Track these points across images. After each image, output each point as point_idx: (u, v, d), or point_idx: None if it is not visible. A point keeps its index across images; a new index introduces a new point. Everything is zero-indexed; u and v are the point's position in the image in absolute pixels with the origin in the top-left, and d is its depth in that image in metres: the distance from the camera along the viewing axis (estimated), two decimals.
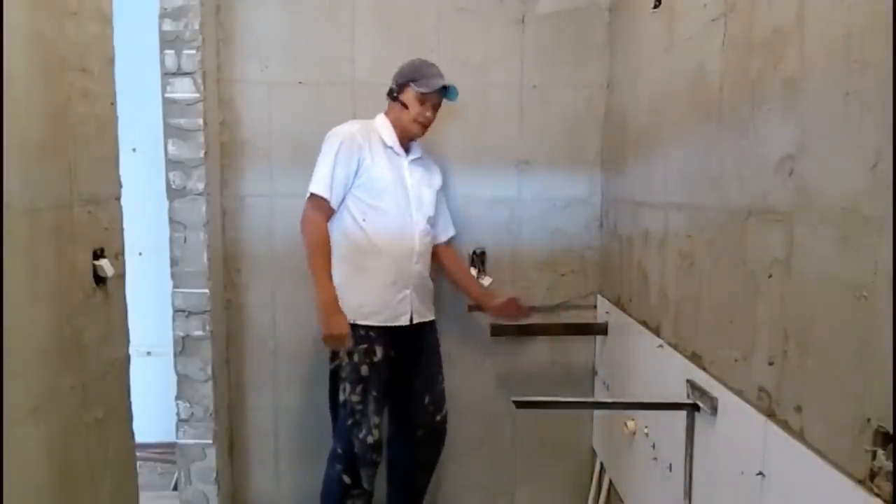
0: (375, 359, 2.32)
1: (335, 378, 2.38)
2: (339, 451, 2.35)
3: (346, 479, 2.33)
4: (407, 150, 2.44)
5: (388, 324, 2.36)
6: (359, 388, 2.30)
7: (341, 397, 2.34)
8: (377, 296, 2.35)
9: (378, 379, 2.33)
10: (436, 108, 2.37)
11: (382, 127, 2.39)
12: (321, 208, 2.30)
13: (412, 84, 2.32)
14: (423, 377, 2.48)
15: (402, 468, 2.55)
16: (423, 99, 2.32)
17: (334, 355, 2.36)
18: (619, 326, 2.46)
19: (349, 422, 2.31)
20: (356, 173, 2.31)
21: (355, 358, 2.31)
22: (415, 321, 2.42)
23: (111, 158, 1.74)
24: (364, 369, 2.31)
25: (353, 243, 2.34)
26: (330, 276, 2.28)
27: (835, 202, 1.10)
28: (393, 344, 2.37)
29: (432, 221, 2.49)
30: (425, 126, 2.37)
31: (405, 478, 2.56)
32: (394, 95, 2.37)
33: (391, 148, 2.38)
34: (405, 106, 2.34)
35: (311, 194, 2.30)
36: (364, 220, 2.33)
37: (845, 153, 1.08)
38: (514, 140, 2.70)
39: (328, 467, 2.40)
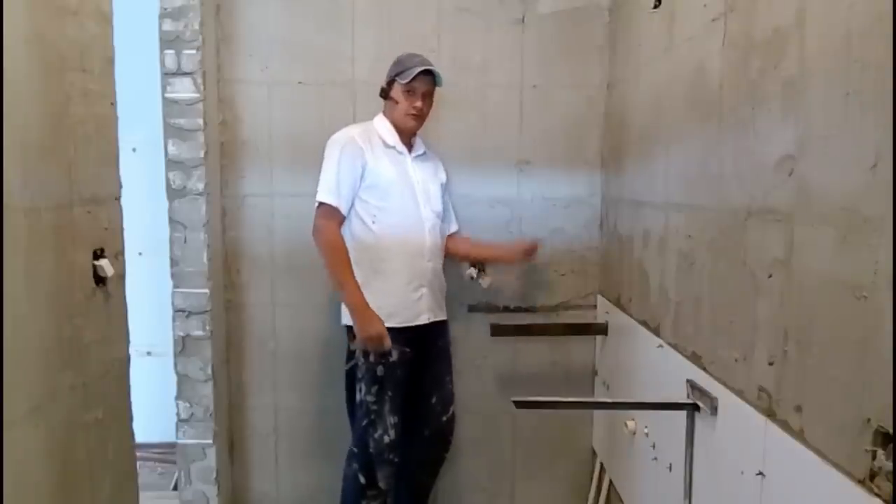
0: (391, 359, 2.32)
1: (351, 378, 2.38)
2: (356, 450, 2.37)
3: (362, 479, 2.34)
4: (410, 147, 2.44)
5: (408, 324, 2.36)
6: (374, 389, 2.31)
7: (358, 397, 2.35)
8: (394, 296, 2.34)
9: (394, 379, 2.33)
10: (426, 96, 2.35)
11: (382, 127, 2.39)
12: (332, 216, 2.30)
13: (397, 78, 2.32)
14: (432, 376, 2.49)
15: (407, 467, 2.55)
16: (408, 90, 2.31)
17: (350, 355, 2.37)
18: (619, 326, 2.46)
19: (365, 422, 2.32)
20: (361, 177, 2.32)
21: (371, 358, 2.31)
22: (432, 319, 2.43)
23: (111, 158, 1.74)
24: (380, 369, 2.31)
25: (365, 246, 2.34)
26: (354, 279, 2.28)
27: (835, 202, 1.10)
28: (408, 343, 2.37)
29: (441, 217, 2.49)
30: (419, 117, 2.36)
31: (410, 477, 2.56)
32: (385, 94, 2.38)
33: (393, 147, 2.38)
34: (396, 102, 2.34)
35: (320, 203, 2.30)
36: (374, 222, 2.33)
37: (845, 153, 1.08)
38: (514, 140, 2.70)
39: (346, 466, 2.42)
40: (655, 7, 2.02)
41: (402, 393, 2.37)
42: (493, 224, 2.72)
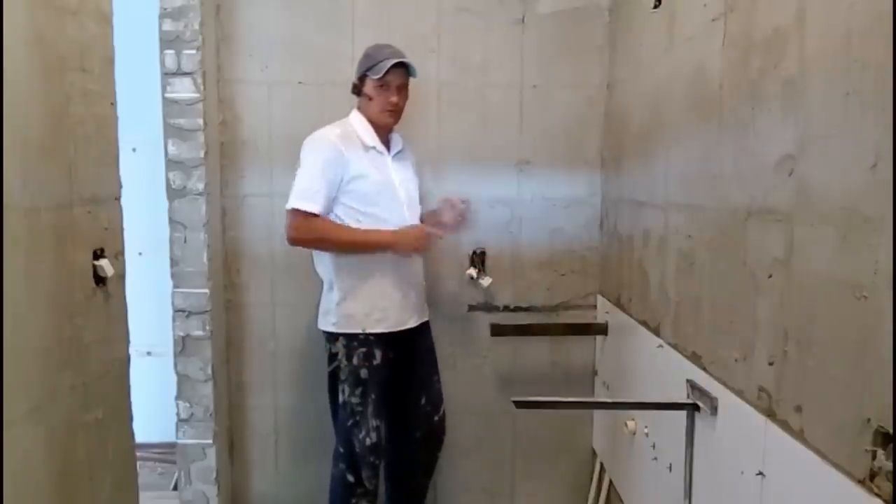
0: (375, 362, 2.30)
1: (334, 379, 2.37)
2: (342, 450, 2.34)
3: (350, 478, 2.32)
4: (388, 144, 2.36)
5: (398, 328, 2.32)
6: (358, 391, 2.29)
7: (340, 398, 2.32)
8: (384, 301, 2.30)
9: (377, 381, 2.32)
10: (400, 89, 2.28)
11: (361, 127, 2.31)
12: (305, 218, 2.19)
13: (368, 74, 2.25)
14: (419, 378, 2.46)
15: (401, 469, 2.54)
16: (381, 84, 2.24)
17: (332, 358, 2.35)
18: (619, 326, 2.46)
19: (349, 422, 2.30)
20: (340, 184, 2.24)
21: (354, 361, 2.29)
22: (419, 322, 2.40)
23: (111, 158, 1.74)
24: (363, 372, 2.29)
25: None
26: (355, 230, 2.24)
27: (835, 202, 1.10)
28: (392, 346, 2.35)
29: (421, 216, 2.44)
30: (395, 112, 2.29)
31: (405, 479, 2.55)
32: (357, 90, 2.32)
33: (373, 148, 2.30)
34: (370, 98, 2.28)
35: (297, 210, 2.18)
36: (359, 224, 2.26)
37: (845, 153, 1.08)
38: (514, 140, 2.70)
39: (332, 466, 2.40)
40: (655, 7, 2.02)
41: (384, 396, 2.35)
42: (493, 224, 2.72)
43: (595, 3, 2.64)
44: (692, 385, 1.66)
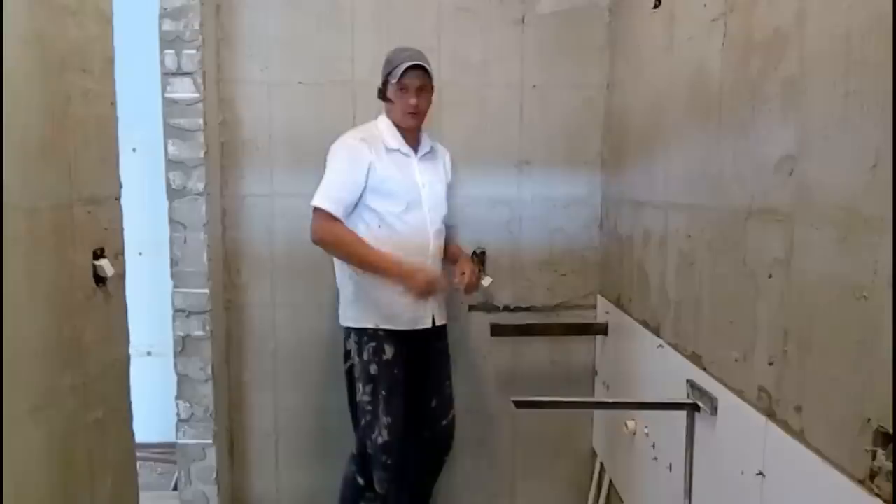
0: (385, 357, 2.30)
1: (351, 377, 2.37)
2: (355, 451, 2.35)
3: (360, 481, 2.33)
4: (416, 145, 2.39)
5: (410, 328, 2.33)
6: (369, 388, 2.29)
7: (357, 397, 2.33)
8: (397, 300, 2.29)
9: (388, 378, 2.30)
10: (421, 91, 2.29)
11: (385, 129, 2.34)
12: (329, 220, 2.24)
13: (389, 78, 2.28)
14: (431, 380, 2.46)
15: (407, 468, 2.54)
16: (401, 87, 2.27)
17: (347, 355, 2.35)
18: (619, 326, 2.46)
19: (363, 422, 2.31)
20: (365, 184, 2.26)
21: (364, 357, 2.30)
22: (434, 324, 2.39)
23: (111, 158, 1.74)
24: (373, 368, 2.29)
25: None
26: (373, 250, 2.24)
27: (835, 202, 1.10)
28: (404, 343, 2.34)
29: (446, 219, 2.45)
30: (416, 114, 2.31)
31: (410, 478, 2.55)
32: (382, 95, 2.34)
33: (397, 150, 2.33)
34: (392, 101, 2.31)
35: (317, 208, 2.23)
36: (379, 226, 2.28)
37: (845, 153, 1.08)
38: (514, 140, 2.70)
39: (346, 467, 2.40)
40: (655, 7, 2.02)
41: (398, 393, 2.33)
42: (493, 224, 2.72)
43: (595, 3, 2.64)
44: (692, 385, 1.66)
